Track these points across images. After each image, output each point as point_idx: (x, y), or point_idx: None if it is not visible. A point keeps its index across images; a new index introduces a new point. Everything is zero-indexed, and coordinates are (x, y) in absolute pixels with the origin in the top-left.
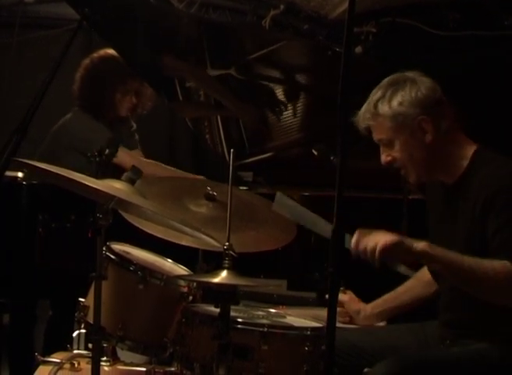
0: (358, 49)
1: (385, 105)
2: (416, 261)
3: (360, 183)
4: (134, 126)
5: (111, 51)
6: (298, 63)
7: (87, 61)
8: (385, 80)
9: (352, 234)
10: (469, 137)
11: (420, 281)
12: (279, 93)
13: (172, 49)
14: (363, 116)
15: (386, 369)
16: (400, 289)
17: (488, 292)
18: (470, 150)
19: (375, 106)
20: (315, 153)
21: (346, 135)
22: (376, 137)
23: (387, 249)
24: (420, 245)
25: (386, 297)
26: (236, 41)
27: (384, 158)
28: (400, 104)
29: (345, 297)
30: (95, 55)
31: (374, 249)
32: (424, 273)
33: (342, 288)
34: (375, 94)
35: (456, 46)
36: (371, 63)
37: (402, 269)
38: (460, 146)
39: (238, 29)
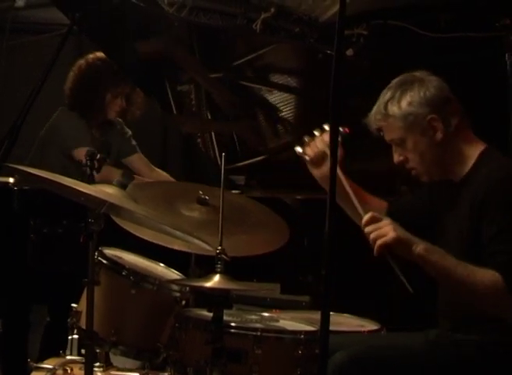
0: (349, 52)
1: (395, 105)
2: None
3: None
4: (129, 132)
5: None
6: (289, 66)
7: (81, 61)
8: (394, 81)
9: None
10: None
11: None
12: (271, 96)
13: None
14: (374, 118)
15: (347, 353)
16: (374, 200)
17: (476, 302)
18: (477, 149)
19: (385, 107)
20: None
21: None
22: (388, 137)
23: (387, 245)
24: (418, 248)
25: (360, 192)
26: (227, 44)
27: (397, 157)
28: (409, 104)
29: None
30: (91, 55)
31: (375, 240)
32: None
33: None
34: (385, 95)
35: (447, 48)
36: (362, 66)
37: (396, 270)
38: (469, 144)
39: (229, 32)
